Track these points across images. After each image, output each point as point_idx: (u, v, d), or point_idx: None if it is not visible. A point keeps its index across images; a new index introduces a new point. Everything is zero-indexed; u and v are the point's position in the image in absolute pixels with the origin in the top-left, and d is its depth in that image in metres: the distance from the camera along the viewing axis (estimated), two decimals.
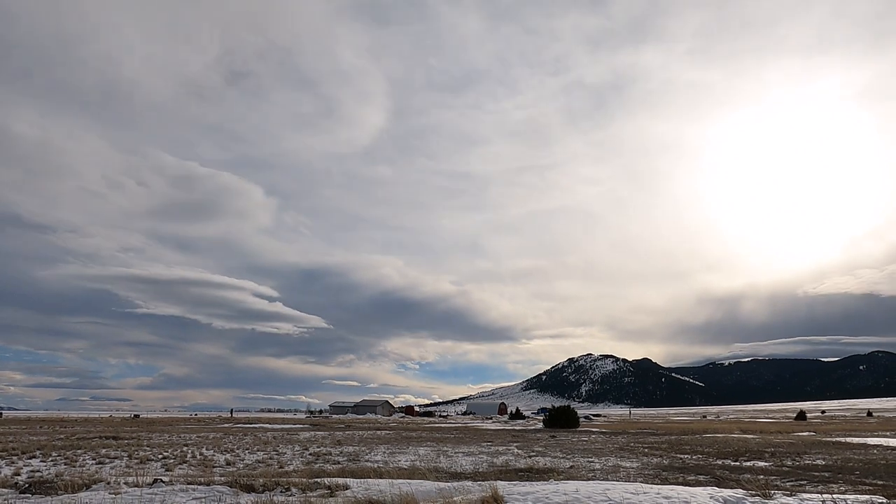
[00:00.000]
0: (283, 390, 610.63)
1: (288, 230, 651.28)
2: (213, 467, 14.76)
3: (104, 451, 19.21)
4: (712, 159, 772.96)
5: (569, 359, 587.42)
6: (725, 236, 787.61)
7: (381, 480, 9.36)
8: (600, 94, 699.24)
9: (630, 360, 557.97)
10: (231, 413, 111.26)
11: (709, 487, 8.41)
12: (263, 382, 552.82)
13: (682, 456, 18.25)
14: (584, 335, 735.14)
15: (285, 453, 19.33)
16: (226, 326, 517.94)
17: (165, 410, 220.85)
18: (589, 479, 11.07)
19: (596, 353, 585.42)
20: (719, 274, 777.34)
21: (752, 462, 16.02)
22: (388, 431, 38.02)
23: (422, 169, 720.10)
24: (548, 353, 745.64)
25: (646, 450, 20.96)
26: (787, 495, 7.17)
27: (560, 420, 46.14)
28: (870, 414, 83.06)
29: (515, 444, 24.22)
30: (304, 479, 9.18)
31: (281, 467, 14.83)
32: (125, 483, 8.59)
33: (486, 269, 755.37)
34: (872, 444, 22.63)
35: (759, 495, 7.02)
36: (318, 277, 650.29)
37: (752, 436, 30.75)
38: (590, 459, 17.01)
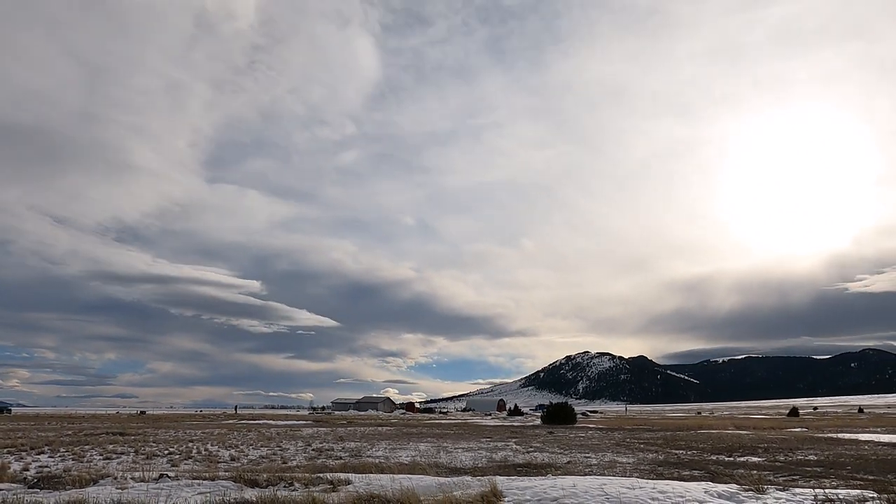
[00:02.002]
0: (271, 387, 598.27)
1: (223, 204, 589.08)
2: (218, 463, 14.90)
3: (111, 446, 19.34)
4: (667, 117, 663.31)
5: (566, 356, 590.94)
6: (701, 221, 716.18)
7: (382, 475, 9.50)
8: (523, 20, 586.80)
9: (626, 357, 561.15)
10: (235, 410, 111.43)
11: (703, 482, 8.62)
12: (253, 380, 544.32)
13: (677, 451, 18.47)
14: (558, 328, 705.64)
15: (288, 449, 19.47)
16: (196, 317, 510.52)
17: (171, 407, 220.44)
18: (586, 474, 11.29)
19: (593, 351, 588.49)
20: (693, 263, 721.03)
21: (746, 457, 16.22)
22: (389, 428, 38.18)
23: (336, 126, 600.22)
24: (527, 347, 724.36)
25: (641, 446, 21.20)
26: (780, 490, 7.33)
27: (558, 416, 46.56)
28: (861, 411, 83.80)
29: (514, 440, 24.43)
30: (307, 475, 9.32)
31: (284, 463, 15.00)
32: (132, 478, 8.72)
33: (442, 253, 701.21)
34: (863, 440, 22.92)
35: (752, 490, 7.17)
36: (269, 262, 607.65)
37: (745, 432, 31.07)
38: (587, 455, 17.22)
